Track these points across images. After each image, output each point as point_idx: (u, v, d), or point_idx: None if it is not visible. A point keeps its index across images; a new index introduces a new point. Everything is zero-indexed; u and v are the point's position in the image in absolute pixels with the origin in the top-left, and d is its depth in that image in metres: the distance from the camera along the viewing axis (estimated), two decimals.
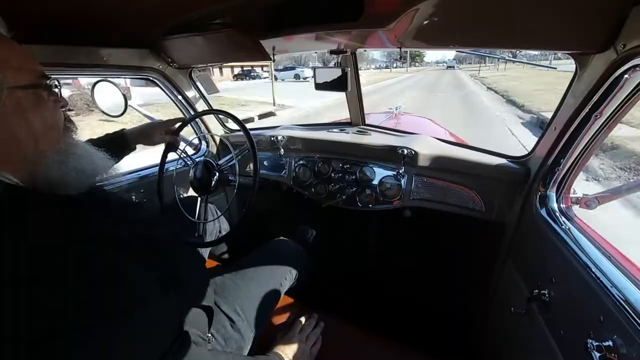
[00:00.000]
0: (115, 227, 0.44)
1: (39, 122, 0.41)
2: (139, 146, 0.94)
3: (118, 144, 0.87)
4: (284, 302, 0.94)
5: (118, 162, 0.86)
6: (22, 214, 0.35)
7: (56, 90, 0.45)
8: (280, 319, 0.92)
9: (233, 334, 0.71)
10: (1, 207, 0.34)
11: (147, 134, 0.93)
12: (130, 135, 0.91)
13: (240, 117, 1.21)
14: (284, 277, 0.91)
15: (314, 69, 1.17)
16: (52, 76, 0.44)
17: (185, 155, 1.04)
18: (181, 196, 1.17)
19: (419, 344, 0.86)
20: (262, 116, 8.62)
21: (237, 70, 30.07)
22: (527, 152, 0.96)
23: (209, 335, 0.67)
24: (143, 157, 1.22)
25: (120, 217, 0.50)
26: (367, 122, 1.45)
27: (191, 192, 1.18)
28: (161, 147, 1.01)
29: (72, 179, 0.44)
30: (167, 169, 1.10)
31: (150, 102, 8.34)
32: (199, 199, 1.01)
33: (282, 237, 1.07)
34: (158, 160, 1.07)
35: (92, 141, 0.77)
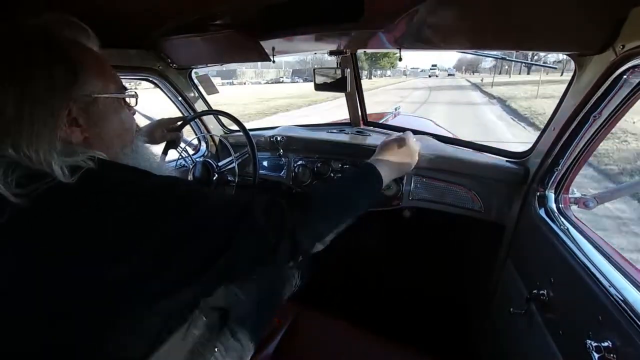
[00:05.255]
0: None
1: (119, 125, 0.51)
2: None
3: None
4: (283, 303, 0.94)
5: None
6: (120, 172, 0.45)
7: (133, 100, 0.54)
8: (280, 322, 0.91)
9: (234, 343, 0.70)
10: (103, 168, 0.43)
11: (149, 132, 0.94)
12: None
13: None
14: (284, 283, 0.91)
15: (313, 69, 1.17)
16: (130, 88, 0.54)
17: (185, 153, 1.04)
18: None
19: (419, 344, 0.86)
20: None
21: None
22: (526, 152, 0.97)
23: (217, 342, 0.66)
24: None
25: None
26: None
27: None
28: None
29: None
30: (166, 168, 1.09)
31: None
32: None
33: None
34: None
35: None
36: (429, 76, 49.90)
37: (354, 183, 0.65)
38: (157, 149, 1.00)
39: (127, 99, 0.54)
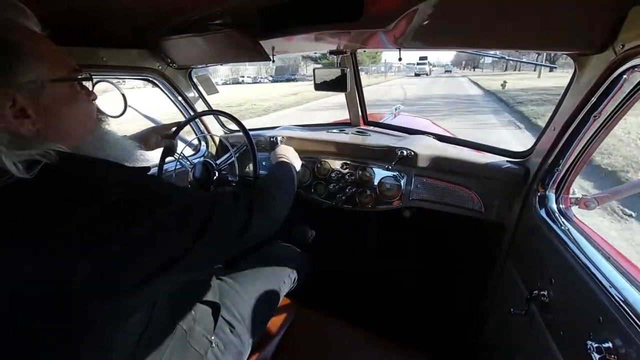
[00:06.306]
0: None
1: (76, 112, 0.47)
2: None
3: None
4: (282, 303, 0.94)
5: None
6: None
7: (88, 83, 0.50)
8: (280, 322, 0.91)
9: (233, 339, 0.71)
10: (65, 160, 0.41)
11: (143, 139, 0.91)
12: None
13: None
14: (283, 280, 0.91)
15: (314, 69, 1.17)
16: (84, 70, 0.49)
17: (183, 157, 1.04)
18: None
19: (419, 345, 0.86)
20: None
21: None
22: (526, 152, 0.96)
23: (213, 338, 0.66)
24: None
25: None
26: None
27: None
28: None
29: None
30: (166, 169, 1.09)
31: None
32: None
33: (279, 241, 1.07)
34: None
35: None
36: (416, 74, 31.01)
37: (288, 174, 0.81)
38: (153, 155, 0.99)
39: (84, 83, 0.49)
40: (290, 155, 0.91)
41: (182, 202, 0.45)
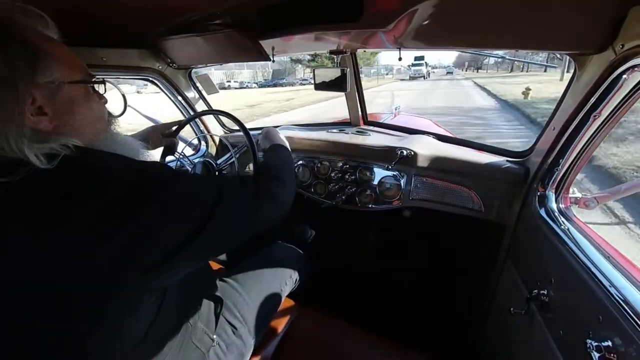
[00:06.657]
0: None
1: (89, 112, 0.50)
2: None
3: None
4: (283, 304, 0.94)
5: None
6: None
7: (99, 87, 0.54)
8: (280, 322, 0.91)
9: (235, 339, 0.72)
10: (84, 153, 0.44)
11: (144, 138, 0.91)
12: None
13: None
14: (284, 282, 0.91)
15: (313, 69, 1.17)
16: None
17: (183, 156, 1.04)
18: None
19: (419, 345, 0.86)
20: None
21: None
22: (526, 151, 0.96)
23: (215, 337, 0.67)
24: None
25: None
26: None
27: None
28: None
29: None
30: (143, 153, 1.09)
31: None
32: None
33: (280, 242, 1.07)
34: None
35: None
36: (411, 77, 29.12)
37: (283, 156, 0.83)
38: (154, 154, 0.99)
39: (97, 88, 0.53)
40: (282, 138, 0.94)
41: (187, 186, 0.48)
